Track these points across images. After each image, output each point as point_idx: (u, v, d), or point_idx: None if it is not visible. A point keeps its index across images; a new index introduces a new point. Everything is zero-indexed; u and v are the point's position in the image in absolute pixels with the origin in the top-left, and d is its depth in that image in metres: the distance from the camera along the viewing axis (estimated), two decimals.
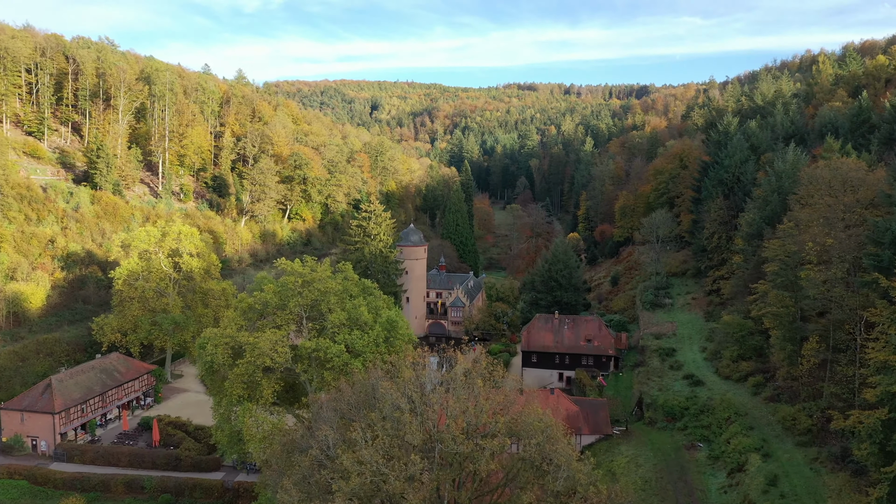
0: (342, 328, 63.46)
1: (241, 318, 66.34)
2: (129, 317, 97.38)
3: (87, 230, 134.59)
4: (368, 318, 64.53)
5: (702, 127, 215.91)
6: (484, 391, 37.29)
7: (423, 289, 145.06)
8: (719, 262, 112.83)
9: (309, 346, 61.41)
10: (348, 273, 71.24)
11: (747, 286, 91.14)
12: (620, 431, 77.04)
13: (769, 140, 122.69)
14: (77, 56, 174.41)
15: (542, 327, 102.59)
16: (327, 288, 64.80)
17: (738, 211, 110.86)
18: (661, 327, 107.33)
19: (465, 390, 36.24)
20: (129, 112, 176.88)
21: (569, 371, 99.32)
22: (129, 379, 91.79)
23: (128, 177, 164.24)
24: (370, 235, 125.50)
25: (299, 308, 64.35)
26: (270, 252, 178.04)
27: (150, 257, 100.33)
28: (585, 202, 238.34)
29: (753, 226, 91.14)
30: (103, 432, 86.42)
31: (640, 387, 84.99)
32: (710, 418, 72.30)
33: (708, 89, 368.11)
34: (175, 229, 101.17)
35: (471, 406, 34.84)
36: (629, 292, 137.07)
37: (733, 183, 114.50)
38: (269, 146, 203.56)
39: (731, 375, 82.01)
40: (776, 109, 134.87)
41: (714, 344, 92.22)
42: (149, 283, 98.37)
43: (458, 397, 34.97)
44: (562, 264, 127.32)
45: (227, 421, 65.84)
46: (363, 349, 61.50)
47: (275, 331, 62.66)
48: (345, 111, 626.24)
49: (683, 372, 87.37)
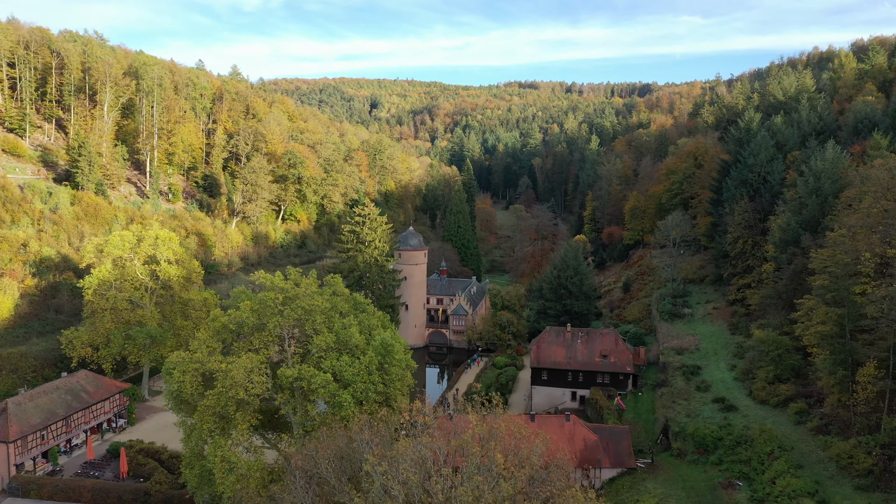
0: (329, 353, 54.78)
1: (214, 339, 57.65)
2: (101, 330, 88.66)
3: (65, 233, 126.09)
4: (360, 341, 55.82)
5: (712, 124, 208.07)
6: (506, 467, 28.45)
7: (423, 296, 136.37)
8: (744, 269, 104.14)
9: (290, 375, 52.73)
10: (337, 287, 62.48)
11: (781, 298, 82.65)
12: (645, 464, 68.34)
13: (796, 137, 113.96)
14: (61, 50, 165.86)
15: (553, 341, 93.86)
16: (312, 305, 56.07)
17: (766, 214, 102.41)
18: (682, 341, 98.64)
19: (479, 471, 27.45)
20: (115, 108, 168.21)
21: (583, 390, 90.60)
22: (98, 399, 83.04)
23: (112, 176, 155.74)
24: (364, 242, 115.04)
25: (280, 329, 55.64)
26: (262, 255, 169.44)
27: (124, 264, 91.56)
28: (591, 202, 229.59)
29: (789, 231, 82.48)
30: (68, 460, 77.77)
31: (665, 411, 76.21)
32: (750, 452, 63.57)
33: (714, 87, 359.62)
34: (151, 234, 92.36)
35: (487, 492, 26.05)
36: (643, 300, 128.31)
37: (759, 183, 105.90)
38: (262, 144, 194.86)
39: (768, 399, 73.28)
40: (801, 105, 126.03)
41: (745, 362, 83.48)
42: (122, 292, 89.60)
43: (471, 484, 26.19)
44: (572, 270, 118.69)
45: (198, 457, 57.26)
46: (353, 378, 52.82)
47: (251, 356, 53.97)
48: (344, 109, 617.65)
49: (712, 394, 78.66)
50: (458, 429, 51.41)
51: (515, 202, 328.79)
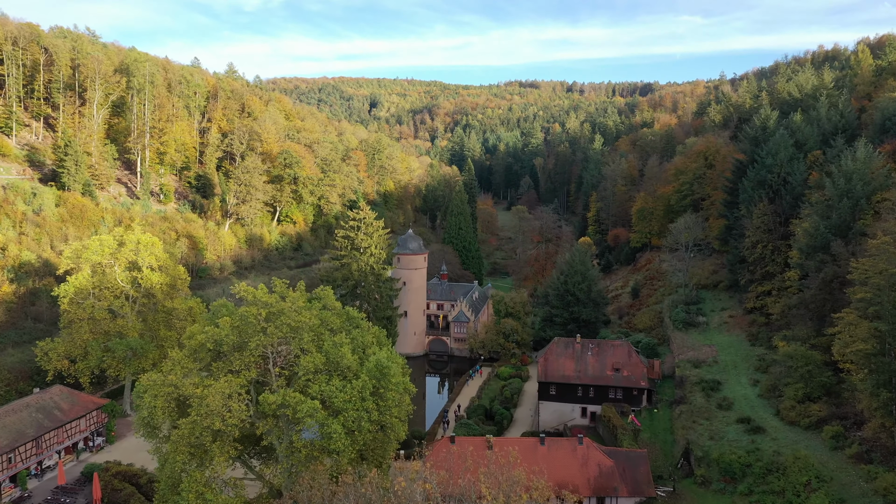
0: (318, 375, 48.88)
1: (191, 358, 51.74)
2: (79, 341, 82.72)
3: (48, 236, 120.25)
4: (352, 362, 49.88)
5: (720, 123, 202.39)
6: None
7: (423, 301, 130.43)
8: (763, 275, 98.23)
9: (274, 401, 46.83)
10: (328, 301, 56.48)
11: (808, 308, 76.78)
12: (666, 493, 62.47)
13: (816, 136, 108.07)
14: (50, 46, 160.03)
15: (561, 353, 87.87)
16: (300, 322, 50.13)
17: (787, 217, 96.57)
18: (699, 352, 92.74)
19: None
20: (104, 106, 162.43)
21: (594, 406, 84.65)
22: (73, 417, 77.10)
23: (101, 176, 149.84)
24: (359, 249, 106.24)
25: (263, 349, 49.70)
26: (256, 258, 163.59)
27: (104, 271, 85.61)
28: (596, 203, 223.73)
29: (817, 237, 76.56)
30: (38, 484, 71.84)
31: (686, 432, 70.25)
32: (783, 481, 57.68)
33: (719, 85, 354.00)
34: (133, 238, 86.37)
35: None
36: (654, 307, 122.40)
37: (779, 185, 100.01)
38: (257, 143, 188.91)
39: (798, 421, 67.36)
40: (819, 102, 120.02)
41: (769, 377, 77.59)
42: (101, 301, 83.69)
43: None
44: (579, 276, 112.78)
45: (173, 489, 51.36)
46: (344, 406, 46.86)
47: (230, 379, 48.09)
48: (343, 108, 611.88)
49: (736, 412, 72.75)
50: (457, 467, 45.66)
51: (517, 202, 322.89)
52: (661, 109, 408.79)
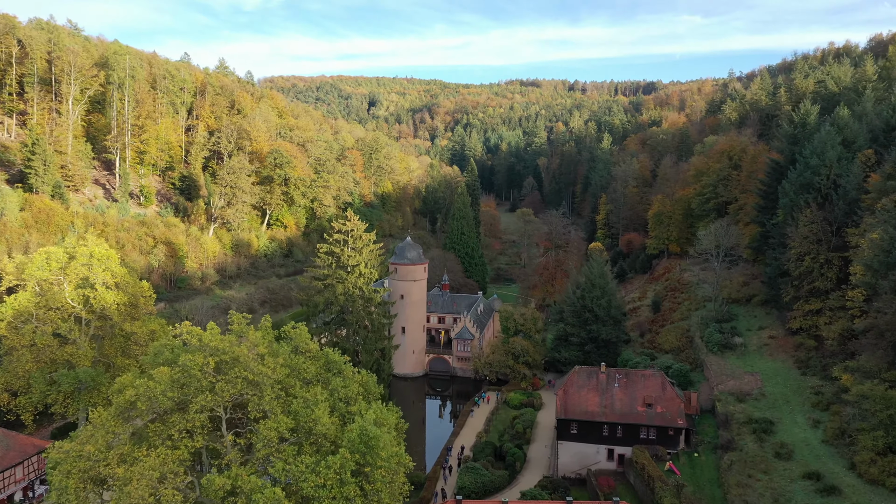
0: (284, 447, 36.69)
1: (118, 419, 39.52)
2: (20, 372, 70.67)
3: (6, 244, 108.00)
4: (329, 428, 37.70)
5: (736, 121, 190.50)
6: None
7: (423, 316, 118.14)
8: (810, 291, 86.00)
9: (220, 486, 34.58)
10: (300, 341, 44.14)
11: (884, 337, 64.52)
12: None
13: (865, 132, 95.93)
14: (25, 38, 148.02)
15: (583, 385, 75.56)
16: (260, 375, 37.88)
17: (840, 225, 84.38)
18: (741, 381, 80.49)
19: None
20: (81, 101, 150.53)
21: (622, 447, 72.41)
22: (8, 465, 65.10)
23: (75, 177, 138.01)
24: (345, 267, 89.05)
25: (209, 411, 37.51)
26: (242, 266, 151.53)
27: (51, 289, 73.39)
28: (605, 206, 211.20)
29: (892, 251, 64.34)
30: None
31: (742, 491, 57.78)
32: None
33: (728, 83, 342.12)
34: (85, 251, 74.06)
35: None
36: (679, 323, 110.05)
37: (829, 188, 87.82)
38: (246, 142, 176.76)
39: (882, 479, 55.08)
40: (864, 97, 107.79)
41: (836, 419, 65.33)
42: (45, 325, 71.49)
43: None
44: (598, 290, 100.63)
45: None
46: (317, 493, 34.61)
47: (165, 453, 35.89)
48: (341, 107, 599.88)
49: (799, 464, 60.45)
50: None
51: (520, 204, 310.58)
52: (669, 108, 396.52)
